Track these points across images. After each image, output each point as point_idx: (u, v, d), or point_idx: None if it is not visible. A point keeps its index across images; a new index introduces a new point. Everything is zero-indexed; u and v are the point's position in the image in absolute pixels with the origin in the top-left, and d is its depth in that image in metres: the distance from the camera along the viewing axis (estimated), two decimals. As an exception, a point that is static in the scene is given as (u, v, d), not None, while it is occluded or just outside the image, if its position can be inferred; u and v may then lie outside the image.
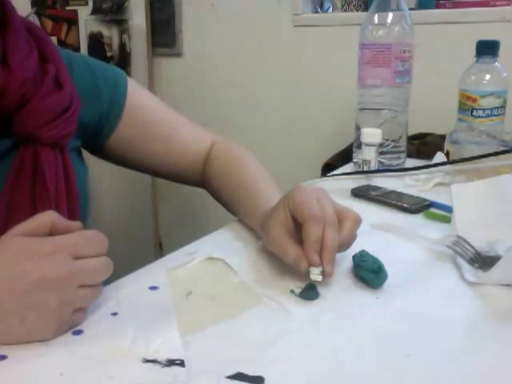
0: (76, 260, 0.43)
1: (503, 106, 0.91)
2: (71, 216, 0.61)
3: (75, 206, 0.62)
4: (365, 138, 0.90)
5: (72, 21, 1.83)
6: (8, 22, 0.58)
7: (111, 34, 1.76)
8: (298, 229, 0.54)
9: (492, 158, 0.79)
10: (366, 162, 0.90)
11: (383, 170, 0.94)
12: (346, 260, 0.57)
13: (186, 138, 0.78)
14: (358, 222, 0.55)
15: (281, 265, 0.56)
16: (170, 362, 0.41)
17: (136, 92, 0.74)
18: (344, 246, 0.55)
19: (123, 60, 1.75)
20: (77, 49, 1.82)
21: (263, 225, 0.59)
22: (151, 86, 1.69)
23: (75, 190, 0.62)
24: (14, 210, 0.57)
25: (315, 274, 0.51)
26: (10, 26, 0.58)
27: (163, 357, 0.41)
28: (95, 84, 0.69)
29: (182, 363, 0.40)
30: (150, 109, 0.76)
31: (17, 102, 0.56)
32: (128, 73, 1.74)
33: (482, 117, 0.90)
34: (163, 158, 0.76)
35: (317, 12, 1.49)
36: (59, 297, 0.42)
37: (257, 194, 0.67)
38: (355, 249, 0.56)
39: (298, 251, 0.51)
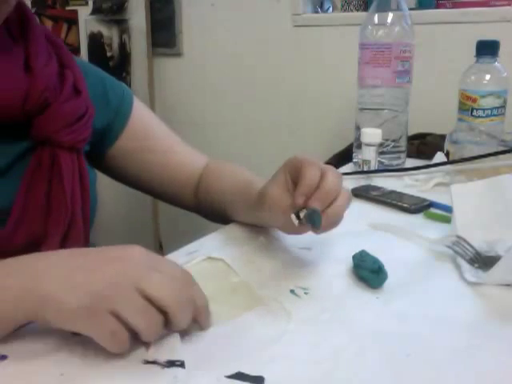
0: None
1: (503, 106, 0.91)
2: (84, 217, 0.63)
3: (88, 208, 0.64)
4: (365, 138, 0.90)
5: (72, 21, 1.83)
6: (29, 29, 0.61)
7: (111, 34, 1.76)
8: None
9: (492, 157, 0.79)
10: (366, 161, 0.90)
11: (383, 170, 0.94)
12: (346, 260, 0.57)
13: (183, 154, 0.79)
14: (348, 198, 0.54)
15: (281, 265, 0.56)
16: (170, 364, 0.41)
17: (140, 107, 0.77)
18: (335, 215, 0.52)
19: (123, 60, 1.75)
20: (77, 49, 1.82)
21: (260, 194, 0.58)
22: (151, 86, 1.69)
23: (88, 193, 0.64)
24: (29, 210, 0.58)
25: (293, 216, 0.51)
26: (32, 33, 0.61)
27: (163, 358, 0.41)
28: (105, 92, 0.71)
29: (182, 364, 0.40)
30: (151, 124, 0.78)
31: (38, 106, 0.58)
32: (128, 73, 1.74)
33: (482, 117, 0.90)
34: (160, 172, 0.77)
35: (317, 12, 1.49)
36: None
37: (252, 183, 0.67)
38: (355, 249, 0.56)
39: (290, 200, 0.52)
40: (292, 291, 0.52)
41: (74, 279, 0.41)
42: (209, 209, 0.76)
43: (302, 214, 0.51)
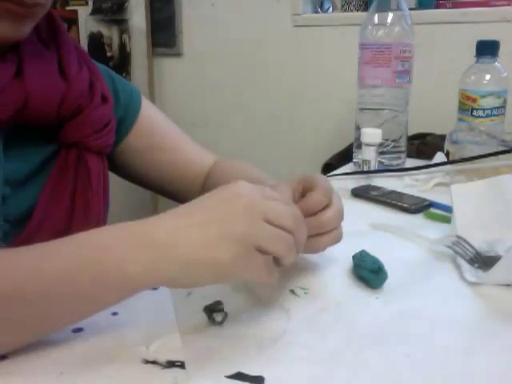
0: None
1: (503, 106, 0.91)
2: (104, 219, 0.65)
3: (107, 209, 0.66)
4: (365, 138, 0.90)
5: (72, 21, 1.83)
6: (60, 37, 0.62)
7: (111, 34, 1.76)
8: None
9: (492, 157, 0.79)
10: (366, 161, 0.90)
11: (383, 170, 0.94)
12: (346, 260, 0.57)
13: (192, 152, 0.79)
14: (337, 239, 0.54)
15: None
16: (170, 364, 0.41)
17: (148, 105, 0.77)
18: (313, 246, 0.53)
19: (123, 60, 1.75)
20: (77, 49, 1.82)
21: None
22: (151, 86, 1.69)
23: (108, 194, 0.66)
24: (53, 209, 0.59)
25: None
26: (63, 41, 0.62)
27: (163, 358, 0.41)
28: (115, 90, 0.71)
29: (182, 365, 0.40)
30: (160, 122, 0.78)
31: (72, 111, 0.60)
32: (128, 73, 1.74)
33: (482, 117, 0.90)
34: (169, 170, 0.77)
35: (317, 12, 1.49)
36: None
37: (261, 181, 0.66)
38: (355, 249, 0.56)
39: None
40: (292, 291, 0.52)
41: (211, 234, 0.41)
42: None
43: None
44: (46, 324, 0.41)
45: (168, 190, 0.80)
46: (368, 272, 0.53)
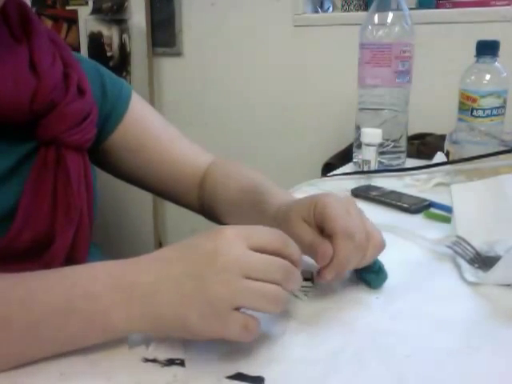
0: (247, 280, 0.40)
1: (503, 106, 0.91)
2: (89, 215, 0.63)
3: (91, 207, 0.64)
4: (365, 138, 0.89)
5: (72, 20, 1.83)
6: (32, 29, 0.60)
7: (111, 33, 1.76)
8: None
9: (492, 157, 0.79)
10: (366, 161, 0.90)
11: (383, 170, 0.94)
12: (345, 260, 0.57)
13: (186, 151, 0.77)
14: (381, 249, 0.52)
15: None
16: (170, 362, 0.41)
17: (139, 102, 0.76)
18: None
19: (123, 60, 1.75)
20: (77, 49, 1.81)
21: (278, 213, 0.56)
22: (151, 86, 1.69)
23: (92, 191, 0.64)
24: (35, 209, 0.58)
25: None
26: (35, 33, 0.60)
27: (163, 356, 0.41)
28: (103, 85, 0.70)
29: (181, 363, 0.40)
30: (151, 119, 0.76)
31: (46, 106, 0.58)
32: (128, 72, 1.74)
33: (482, 117, 0.90)
34: (157, 169, 0.75)
35: (317, 12, 1.49)
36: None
37: (266, 187, 0.65)
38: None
39: (328, 244, 0.48)
40: (292, 291, 0.52)
41: (185, 290, 0.40)
42: (211, 210, 0.74)
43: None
44: (29, 353, 0.41)
45: (162, 190, 0.78)
46: (368, 272, 0.53)
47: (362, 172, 0.90)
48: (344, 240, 0.48)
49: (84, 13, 1.79)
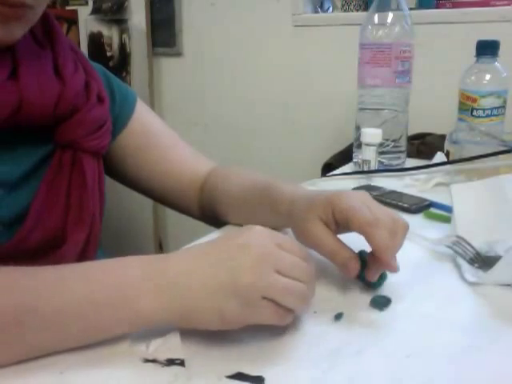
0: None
1: (503, 106, 0.91)
2: (100, 219, 0.65)
3: (102, 210, 0.66)
4: (365, 138, 0.90)
5: (72, 21, 1.83)
6: (55, 38, 0.62)
7: (111, 33, 1.76)
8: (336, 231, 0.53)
9: (492, 157, 0.79)
10: (366, 162, 0.90)
11: (383, 170, 0.94)
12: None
13: (185, 157, 0.77)
14: (407, 229, 0.52)
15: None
16: (170, 362, 0.41)
17: (143, 108, 0.77)
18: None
19: (123, 60, 1.75)
20: (77, 49, 1.82)
21: (291, 212, 0.56)
22: (151, 86, 1.69)
23: (104, 196, 0.66)
24: (48, 209, 0.59)
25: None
26: (59, 41, 0.62)
27: (163, 356, 0.41)
28: (111, 90, 0.71)
29: (181, 363, 0.40)
30: (154, 125, 0.77)
31: (67, 111, 0.59)
32: (128, 72, 1.74)
33: (482, 117, 0.90)
34: (159, 176, 0.76)
35: (317, 12, 1.49)
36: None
37: (272, 182, 0.64)
38: (355, 249, 0.56)
39: (349, 253, 0.50)
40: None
41: (218, 282, 0.41)
42: (211, 212, 0.74)
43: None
44: (55, 342, 0.41)
45: (161, 195, 0.78)
46: (368, 272, 0.53)
47: (362, 172, 0.90)
48: (378, 228, 0.49)
49: (84, 13, 1.79)
